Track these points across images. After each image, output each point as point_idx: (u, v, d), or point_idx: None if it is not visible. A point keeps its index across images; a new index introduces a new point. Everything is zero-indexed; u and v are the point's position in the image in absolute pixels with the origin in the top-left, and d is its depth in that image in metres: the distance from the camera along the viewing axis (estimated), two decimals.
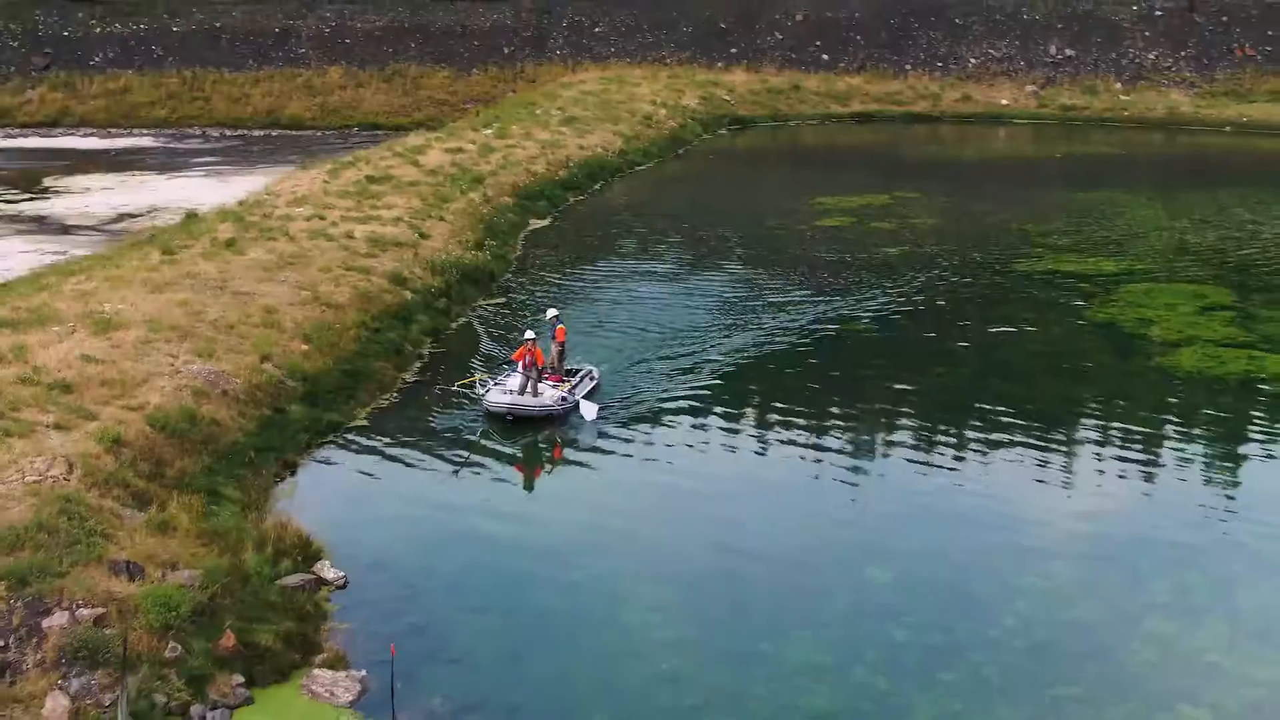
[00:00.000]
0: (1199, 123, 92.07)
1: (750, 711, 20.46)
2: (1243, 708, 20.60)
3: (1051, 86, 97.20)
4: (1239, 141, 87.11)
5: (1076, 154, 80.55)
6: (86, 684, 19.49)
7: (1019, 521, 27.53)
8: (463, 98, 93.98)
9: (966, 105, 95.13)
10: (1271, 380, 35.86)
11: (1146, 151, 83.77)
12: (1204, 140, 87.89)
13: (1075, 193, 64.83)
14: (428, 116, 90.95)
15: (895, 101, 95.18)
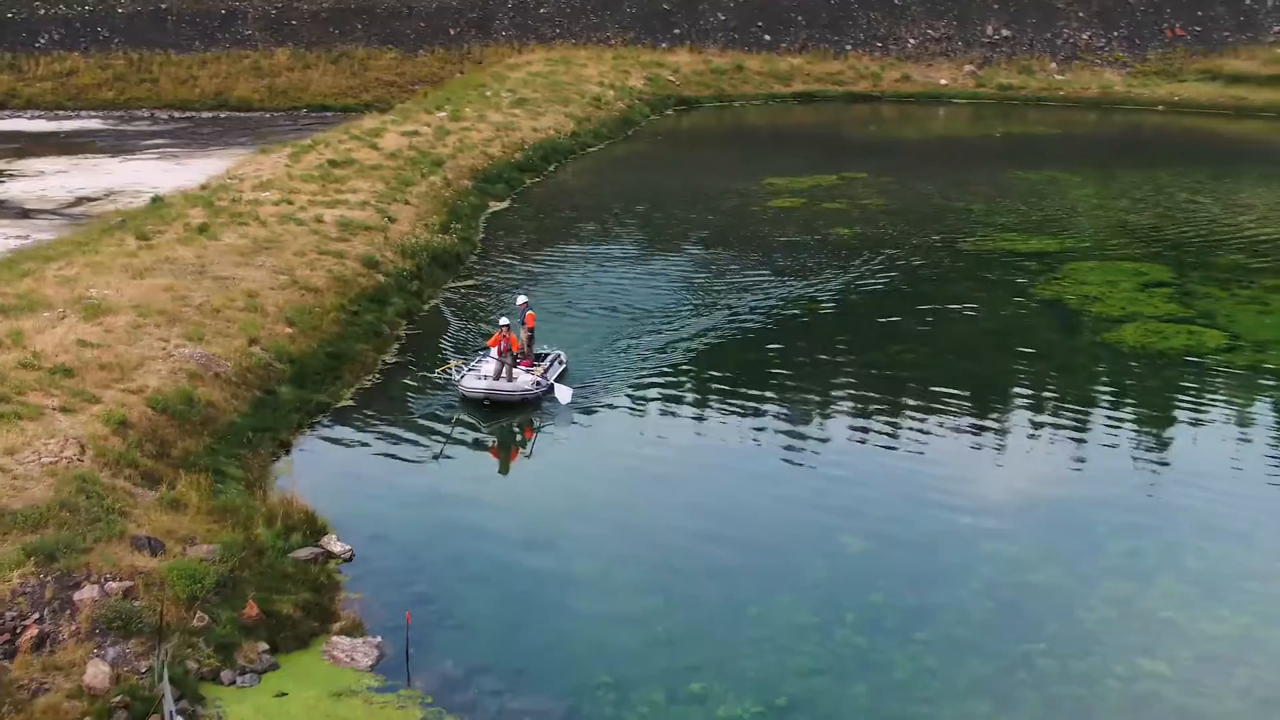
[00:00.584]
0: (1132, 102, 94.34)
1: (741, 670, 21.89)
2: (1195, 659, 22.27)
3: (989, 66, 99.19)
4: (1170, 120, 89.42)
5: (1015, 134, 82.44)
6: (122, 652, 20.68)
7: (980, 492, 29.16)
8: (410, 79, 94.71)
9: (906, 85, 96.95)
10: (1210, 354, 37.71)
11: (1082, 130, 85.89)
12: (1137, 119, 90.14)
13: (1016, 172, 66.67)
14: (376, 98, 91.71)
15: (836, 81, 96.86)
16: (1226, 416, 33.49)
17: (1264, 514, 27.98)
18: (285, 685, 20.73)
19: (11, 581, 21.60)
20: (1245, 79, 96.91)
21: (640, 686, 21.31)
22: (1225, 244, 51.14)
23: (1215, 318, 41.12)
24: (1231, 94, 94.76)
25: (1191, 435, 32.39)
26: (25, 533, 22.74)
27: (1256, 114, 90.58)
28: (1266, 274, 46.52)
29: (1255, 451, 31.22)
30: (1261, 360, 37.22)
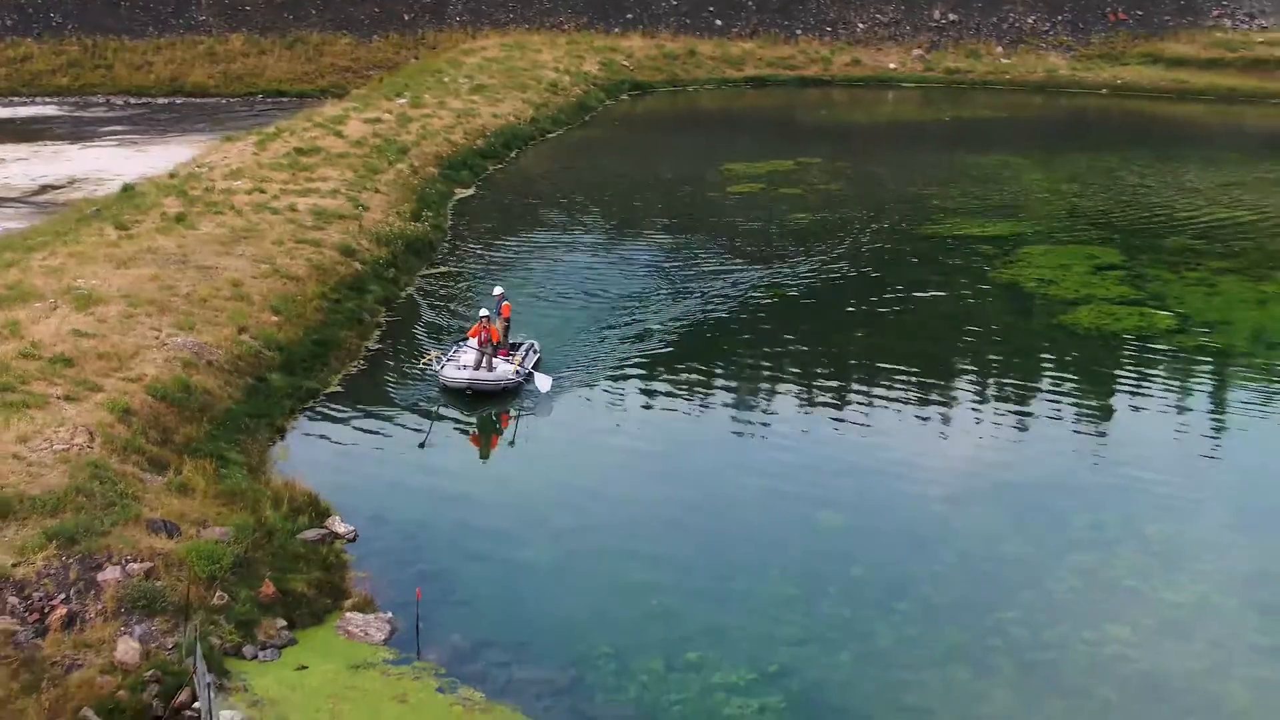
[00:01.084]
0: (1076, 85, 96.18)
1: (733, 640, 23.15)
2: (1157, 624, 23.75)
3: (936, 51, 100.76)
4: (1114, 103, 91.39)
5: (964, 118, 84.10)
6: (149, 630, 21.74)
7: (948, 470, 30.58)
8: (365, 64, 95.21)
9: (856, 69, 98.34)
10: (1163, 335, 39.33)
11: (1028, 114, 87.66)
12: (1082, 102, 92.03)
13: (967, 156, 68.28)
14: (331, 83, 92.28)
15: (787, 66, 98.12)
16: (1178, 395, 35.09)
17: (1215, 488, 29.57)
18: (304, 659, 21.81)
19: (36, 564, 22.55)
20: (1185, 62, 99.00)
21: (639, 656, 22.52)
22: (1172, 227, 52.83)
23: (1165, 300, 42.75)
24: (1172, 77, 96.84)
25: (1145, 414, 33.94)
26: (44, 517, 23.68)
27: (1197, 97, 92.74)
28: (1213, 256, 48.23)
29: (1206, 428, 32.82)
30: (1210, 341, 38.87)
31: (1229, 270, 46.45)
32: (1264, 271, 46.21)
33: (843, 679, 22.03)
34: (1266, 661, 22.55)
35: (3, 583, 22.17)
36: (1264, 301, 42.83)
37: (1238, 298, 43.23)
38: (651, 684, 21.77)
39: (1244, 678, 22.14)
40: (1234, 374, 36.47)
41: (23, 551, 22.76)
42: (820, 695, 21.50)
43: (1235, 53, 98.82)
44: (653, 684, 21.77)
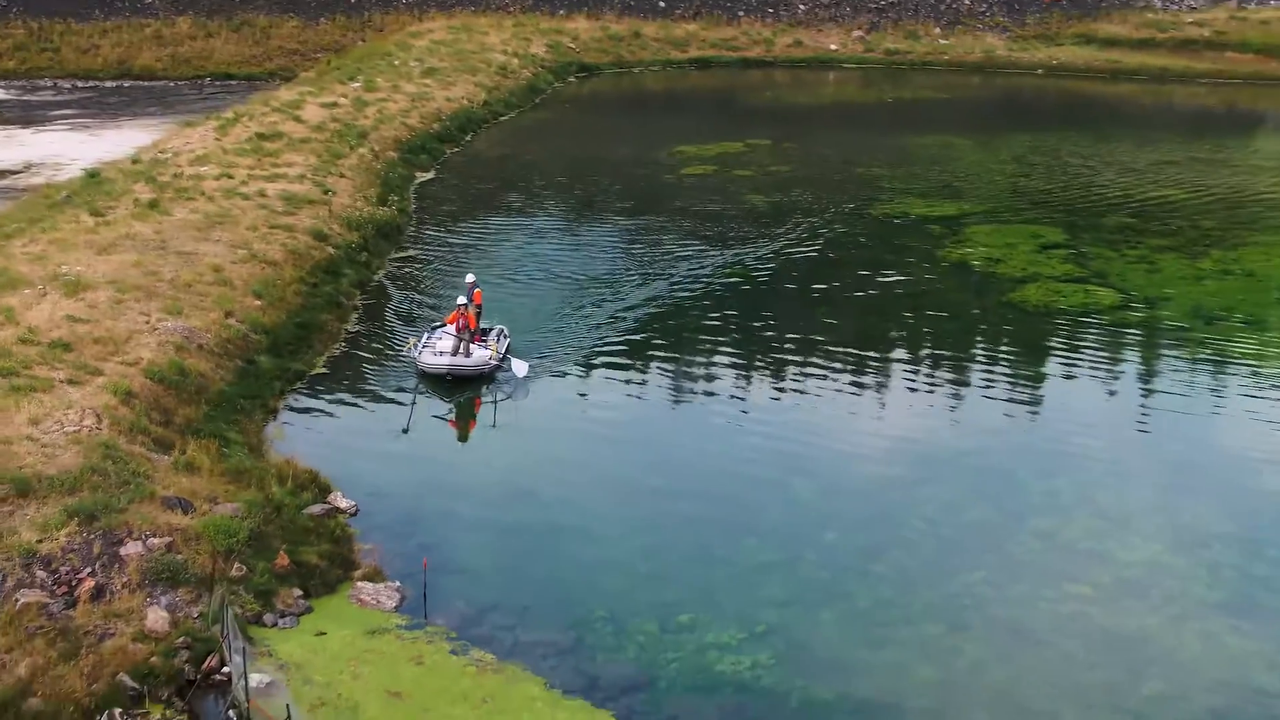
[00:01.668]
0: (1013, 65, 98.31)
1: (720, 603, 24.66)
2: (1113, 582, 25.50)
3: (876, 32, 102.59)
4: (1050, 83, 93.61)
5: (905, 98, 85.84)
6: (174, 600, 23.01)
7: (911, 443, 32.29)
8: (313, 47, 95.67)
9: (798, 50, 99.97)
10: (1107, 311, 41.22)
11: (967, 94, 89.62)
12: (1018, 82, 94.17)
13: (911, 137, 70.07)
14: (280, 66, 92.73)
15: (730, 47, 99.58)
16: (1124, 369, 37.01)
17: (1161, 455, 31.49)
18: (322, 626, 23.16)
19: (59, 540, 23.73)
20: (1118, 42, 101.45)
21: (634, 619, 24.00)
22: (1111, 206, 54.86)
23: (1108, 277, 44.68)
24: (1106, 57, 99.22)
25: (1094, 387, 35.81)
26: (63, 495, 24.83)
27: (1130, 76, 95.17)
28: (1152, 235, 50.29)
29: (1151, 400, 34.73)
30: (1153, 317, 40.83)
31: (1167, 248, 48.47)
32: (1200, 249, 48.26)
33: (826, 637, 23.60)
34: (1215, 615, 24.34)
35: (30, 558, 23.30)
36: (1201, 278, 44.84)
37: (1177, 275, 45.23)
38: (648, 644, 23.26)
39: (1195, 630, 23.92)
40: (1175, 348, 38.37)
41: (46, 528, 23.89)
42: (806, 652, 23.05)
43: (1166, 33, 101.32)
44: (649, 644, 23.26)
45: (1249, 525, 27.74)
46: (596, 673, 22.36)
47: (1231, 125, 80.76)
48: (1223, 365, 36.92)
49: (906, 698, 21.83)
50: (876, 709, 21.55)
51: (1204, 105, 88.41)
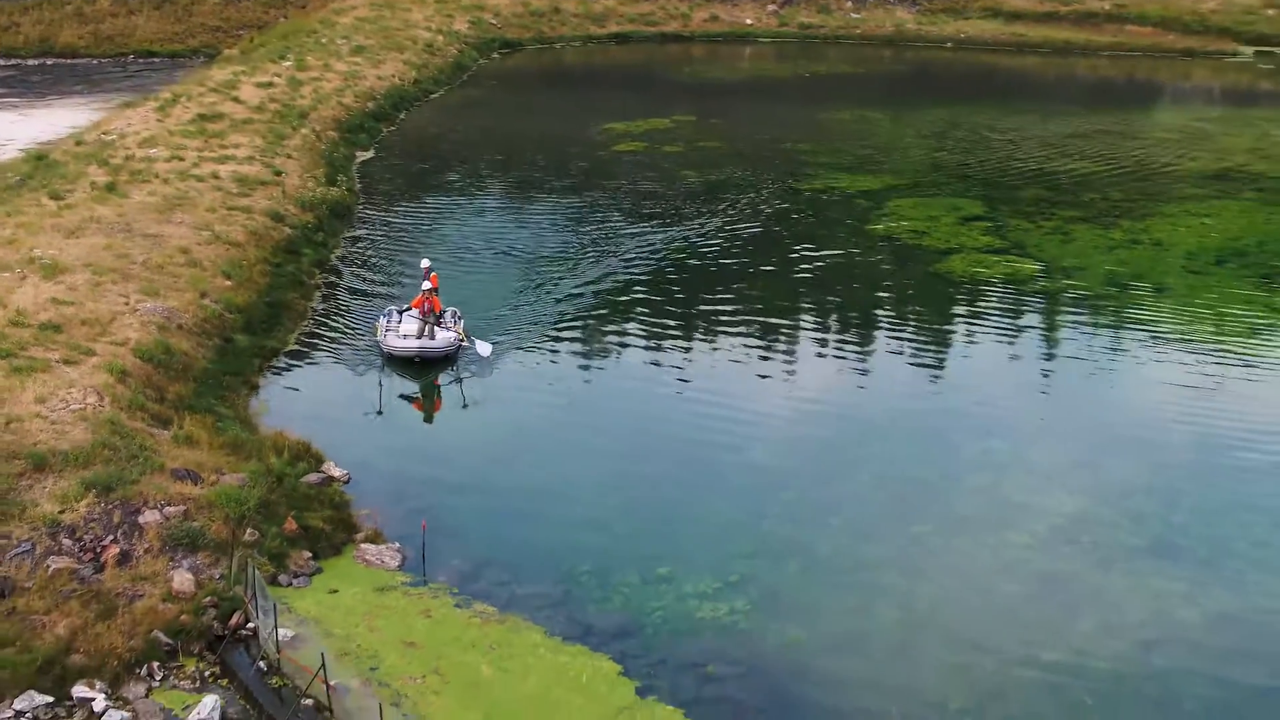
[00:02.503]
0: (922, 39, 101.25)
1: (694, 557, 26.81)
2: (1047, 531, 28.01)
3: (790, 6, 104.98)
4: (959, 56, 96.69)
5: (821, 73, 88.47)
6: (195, 563, 24.87)
7: (854, 408, 34.82)
8: (235, 24, 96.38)
9: (714, 25, 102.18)
10: (1027, 281, 43.96)
11: (880, 68, 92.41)
12: (928, 55, 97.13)
13: (830, 112, 72.61)
14: (203, 43, 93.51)
15: (648, 22, 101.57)
16: (1047, 336, 39.69)
17: (1083, 416, 34.09)
18: (333, 584, 25.14)
19: (80, 510, 25.47)
20: (1023, 16, 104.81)
21: (617, 573, 26.15)
22: (1026, 178, 57.74)
23: (1026, 248, 47.44)
24: (1011, 31, 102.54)
25: (1020, 353, 38.44)
26: (78, 469, 26.52)
27: (1034, 50, 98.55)
28: (1064, 206, 53.13)
29: (1073, 364, 37.40)
30: (1070, 285, 43.59)
31: (1080, 219, 51.31)
32: (1111, 220, 51.15)
33: (793, 584, 25.90)
34: (1139, 558, 26.97)
35: (56, 528, 25.04)
36: (1113, 248, 47.69)
37: (1090, 245, 48.06)
38: (632, 595, 25.44)
39: (1122, 571, 26.50)
40: (1092, 316, 41.11)
41: (65, 500, 25.59)
42: (777, 598, 25.33)
43: (1069, 6, 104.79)
44: (633, 595, 25.45)
45: (1166, 478, 30.42)
46: (589, 621, 24.49)
47: (1132, 97, 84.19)
48: (1136, 331, 39.68)
49: (871, 636, 24.20)
50: (846, 646, 23.87)
51: (1106, 77, 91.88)
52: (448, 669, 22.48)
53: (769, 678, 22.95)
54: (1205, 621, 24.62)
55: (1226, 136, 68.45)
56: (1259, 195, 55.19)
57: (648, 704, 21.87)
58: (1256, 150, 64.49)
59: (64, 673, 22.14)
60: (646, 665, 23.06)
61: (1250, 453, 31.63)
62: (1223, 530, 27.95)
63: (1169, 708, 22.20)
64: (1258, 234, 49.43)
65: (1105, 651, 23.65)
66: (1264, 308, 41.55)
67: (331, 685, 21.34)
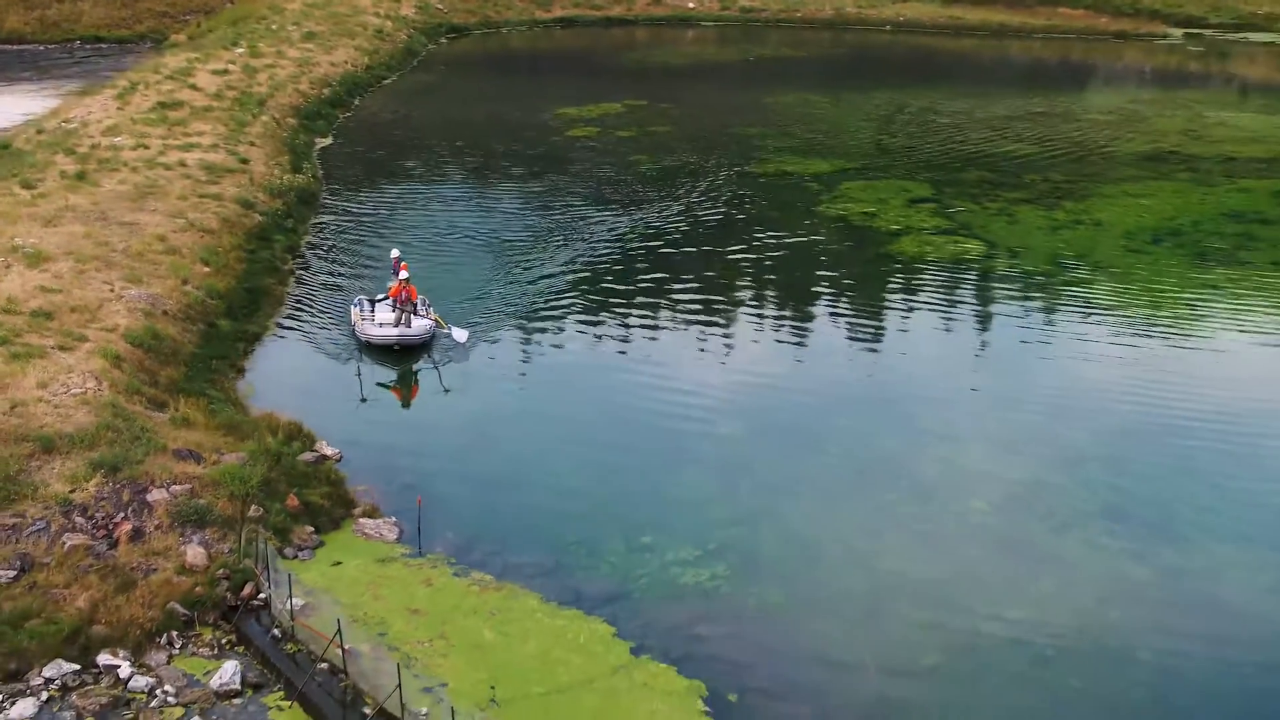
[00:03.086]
0: (862, 22, 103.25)
1: (674, 527, 28.22)
2: (1005, 498, 29.73)
3: None
4: (898, 39, 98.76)
5: (765, 56, 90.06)
6: (204, 538, 26.14)
7: (817, 384, 36.43)
8: (182, 9, 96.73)
9: (658, 9, 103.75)
10: (976, 260, 45.80)
11: (822, 51, 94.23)
12: (868, 38, 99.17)
13: (776, 95, 74.26)
14: (150, 29, 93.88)
15: (593, 6, 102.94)
16: (997, 314, 41.52)
17: (1036, 390, 35.85)
18: (336, 557, 26.49)
19: (89, 490, 26.66)
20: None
21: (602, 543, 27.62)
22: (969, 160, 59.65)
23: (973, 229, 49.27)
24: (949, 14, 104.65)
25: (974, 329, 40.27)
26: (84, 451, 27.69)
27: (971, 32, 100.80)
28: (1008, 188, 55.07)
29: (1024, 339, 39.27)
30: (1017, 265, 45.43)
31: (1023, 200, 53.25)
32: (1053, 201, 53.12)
33: (770, 551, 27.46)
34: (1091, 522, 28.73)
35: (68, 506, 26.23)
36: (1057, 229, 49.62)
37: (1034, 225, 49.98)
38: (619, 563, 26.94)
39: (1075, 535, 28.26)
40: (1040, 294, 43.00)
41: (74, 480, 26.78)
42: (755, 564, 26.88)
43: None
44: (620, 563, 26.94)
45: (1114, 447, 32.24)
46: (579, 587, 25.95)
47: (1067, 79, 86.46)
48: (1080, 309, 41.57)
49: (845, 598, 25.80)
50: (821, 607, 25.45)
51: (1041, 59, 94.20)
52: (452, 633, 23.89)
53: (751, 637, 24.52)
54: (1155, 579, 26.40)
55: (1160, 118, 70.67)
56: (1192, 176, 57.29)
57: (642, 662, 23.36)
58: (1189, 132, 66.70)
59: (88, 642, 23.41)
60: (637, 627, 24.51)
61: (1190, 423, 33.46)
62: (1167, 495, 29.77)
63: (1125, 658, 23.93)
64: (1192, 214, 51.45)
65: (1064, 607, 25.36)
66: (1200, 285, 43.51)
67: (346, 649, 22.69)
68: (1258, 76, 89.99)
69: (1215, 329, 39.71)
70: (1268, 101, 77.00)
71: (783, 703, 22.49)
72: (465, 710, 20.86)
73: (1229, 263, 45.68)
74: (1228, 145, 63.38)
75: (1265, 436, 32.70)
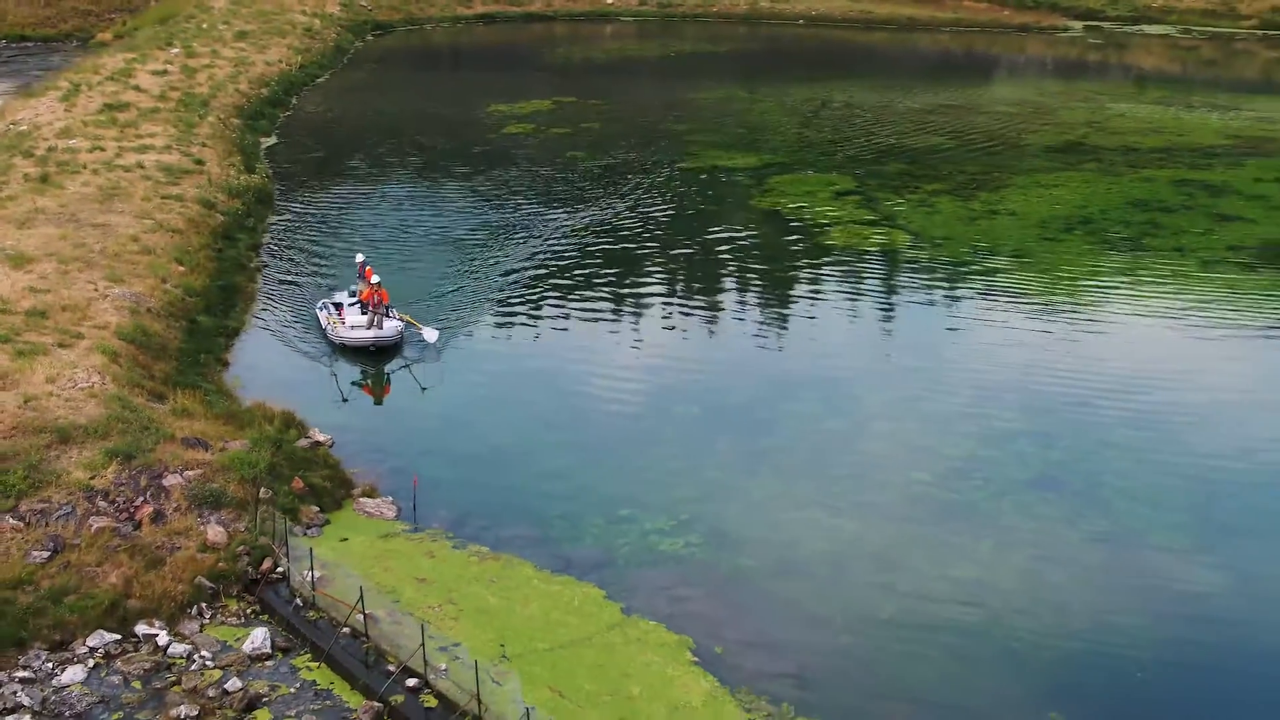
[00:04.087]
0: (775, 17, 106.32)
1: (648, 501, 30.72)
2: (945, 470, 32.58)
3: None
4: (812, 32, 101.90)
5: (685, 52, 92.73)
6: (221, 518, 28.38)
7: (767, 368, 39.18)
8: (106, 8, 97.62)
9: (576, 4, 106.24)
10: (900, 250, 48.82)
11: (738, 46, 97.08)
12: (782, 31, 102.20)
13: (700, 91, 77.04)
14: (75, 27, 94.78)
15: (513, 2, 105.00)
16: (926, 299, 44.53)
17: (965, 370, 38.78)
18: (343, 533, 28.82)
19: (107, 476, 28.73)
20: None
21: (583, 517, 30.16)
22: (889, 154, 62.75)
23: (897, 220, 52.31)
24: (860, 8, 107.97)
25: (905, 316, 43.18)
26: (98, 440, 29.71)
27: (881, 26, 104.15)
28: (926, 179, 58.19)
29: (954, 324, 42.26)
30: (941, 254, 48.49)
31: (942, 191, 56.37)
32: (969, 192, 56.32)
33: (736, 522, 30.09)
34: (1025, 491, 31.66)
35: (90, 492, 28.32)
36: (974, 219, 52.77)
37: (953, 216, 53.09)
38: (601, 534, 29.49)
39: (1011, 502, 31.16)
40: (964, 281, 46.04)
41: (92, 467, 28.81)
42: (724, 533, 29.49)
43: None
44: (602, 534, 29.50)
45: (1042, 423, 35.23)
46: (568, 556, 28.47)
47: (973, 71, 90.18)
48: (1003, 296, 44.64)
49: (807, 562, 28.50)
50: (788, 571, 28.13)
51: (948, 51, 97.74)
52: (460, 599, 26.34)
53: (728, 597, 27.18)
54: (1085, 540, 29.38)
55: (1065, 110, 74.33)
56: (1098, 167, 60.73)
57: (633, 620, 25.96)
58: (1093, 123, 70.33)
59: (126, 614, 25.60)
60: (625, 590, 27.09)
61: (1108, 400, 36.51)
62: (1092, 466, 32.79)
63: (1061, 610, 26.82)
64: (1100, 203, 54.82)
65: (1004, 566, 28.29)
66: (1110, 271, 46.80)
67: (367, 614, 25.09)
68: (1152, 67, 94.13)
69: (1126, 312, 42.98)
70: (1163, 93, 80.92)
71: (762, 652, 25.14)
72: (483, 665, 23.26)
73: (1136, 249, 49.00)
74: (1130, 136, 66.98)
75: (1174, 409, 35.83)
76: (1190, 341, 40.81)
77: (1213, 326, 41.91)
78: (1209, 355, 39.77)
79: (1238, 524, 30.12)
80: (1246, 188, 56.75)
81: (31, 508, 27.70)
